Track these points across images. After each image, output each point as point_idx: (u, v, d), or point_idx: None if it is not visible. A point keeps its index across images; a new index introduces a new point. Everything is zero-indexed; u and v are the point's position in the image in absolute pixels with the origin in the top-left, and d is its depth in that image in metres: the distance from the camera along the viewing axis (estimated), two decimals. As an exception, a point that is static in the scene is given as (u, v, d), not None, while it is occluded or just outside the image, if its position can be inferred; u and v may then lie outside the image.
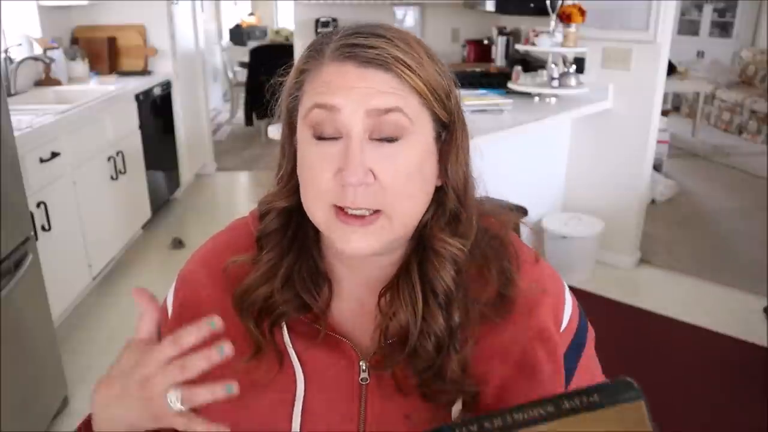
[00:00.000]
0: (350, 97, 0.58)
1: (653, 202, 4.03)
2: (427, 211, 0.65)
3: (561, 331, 0.70)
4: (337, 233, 0.61)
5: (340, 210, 0.60)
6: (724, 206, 4.26)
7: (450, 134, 0.64)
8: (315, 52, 0.63)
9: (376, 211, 0.60)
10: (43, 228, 2.36)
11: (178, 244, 3.49)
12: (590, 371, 0.75)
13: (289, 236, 0.68)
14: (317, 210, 0.62)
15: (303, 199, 0.64)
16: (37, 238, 2.15)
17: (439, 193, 0.66)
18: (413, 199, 0.62)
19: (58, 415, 2.13)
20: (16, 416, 1.83)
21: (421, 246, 0.66)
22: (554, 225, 3.09)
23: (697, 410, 2.18)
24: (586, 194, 3.31)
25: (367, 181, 0.59)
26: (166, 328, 0.72)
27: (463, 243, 0.65)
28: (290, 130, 0.67)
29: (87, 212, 2.82)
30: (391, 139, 0.60)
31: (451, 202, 0.66)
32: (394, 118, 0.59)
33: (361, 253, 0.62)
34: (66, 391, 2.19)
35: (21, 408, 1.87)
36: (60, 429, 2.09)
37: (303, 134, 0.62)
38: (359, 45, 0.59)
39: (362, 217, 0.60)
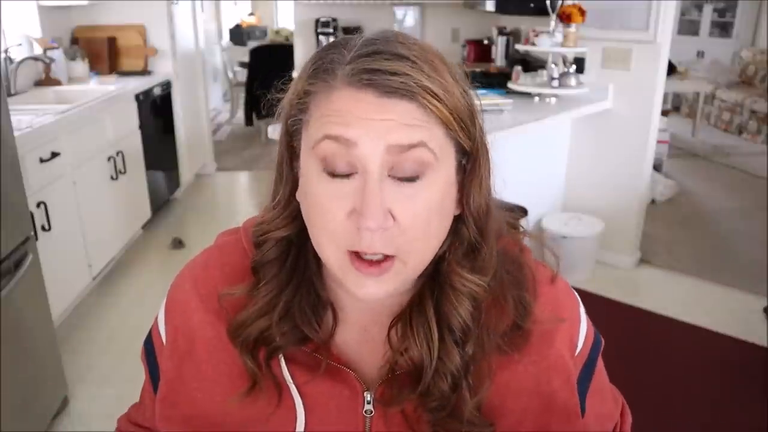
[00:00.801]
0: (368, 129, 0.51)
1: (653, 202, 4.03)
2: (444, 242, 0.60)
3: (576, 355, 0.68)
4: (352, 280, 0.56)
5: (355, 255, 0.55)
6: (724, 206, 4.25)
7: (473, 162, 0.58)
8: (323, 72, 0.55)
9: (391, 256, 0.55)
10: (43, 228, 2.36)
11: (178, 244, 3.49)
12: (601, 385, 0.74)
13: (288, 267, 0.63)
14: (329, 254, 0.56)
15: (312, 237, 0.58)
16: (37, 238, 2.15)
17: (458, 222, 0.60)
18: (430, 240, 0.57)
19: (58, 415, 2.13)
20: (16, 416, 1.83)
21: (436, 279, 0.61)
22: (554, 225, 3.09)
23: (697, 410, 2.18)
24: (586, 194, 3.31)
25: (386, 225, 0.53)
26: (163, 357, 0.70)
27: (483, 279, 0.61)
28: (290, 153, 0.61)
29: (87, 212, 2.82)
30: (412, 178, 0.53)
31: (471, 234, 0.60)
32: (417, 154, 0.52)
33: (375, 298, 0.57)
34: (66, 391, 2.19)
35: (21, 408, 1.87)
36: (60, 429, 2.09)
37: (310, 165, 0.56)
38: (380, 71, 0.52)
39: (377, 263, 0.55)
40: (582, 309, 0.71)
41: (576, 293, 0.72)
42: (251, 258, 0.65)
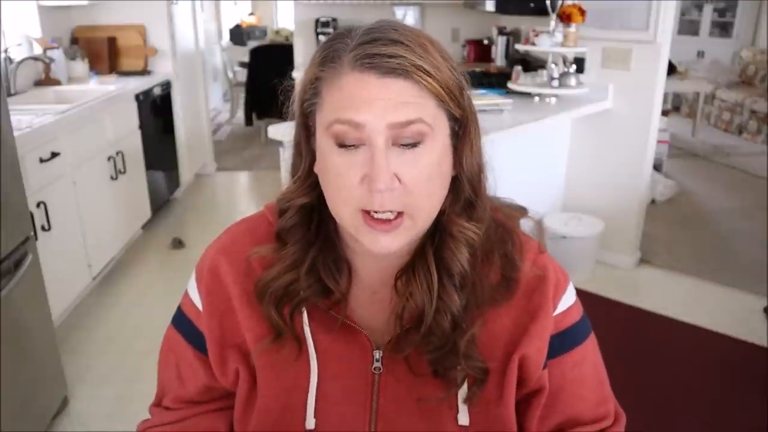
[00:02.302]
0: (372, 111, 0.60)
1: (653, 202, 4.03)
2: (446, 200, 0.68)
3: (554, 314, 0.74)
4: (366, 236, 0.64)
5: (367, 214, 0.63)
6: (724, 206, 4.25)
7: (464, 128, 0.66)
8: (331, 60, 0.63)
9: (400, 213, 0.63)
10: (43, 228, 2.36)
11: (178, 244, 3.49)
12: (580, 372, 0.76)
13: (312, 230, 0.71)
14: (345, 214, 0.65)
15: (329, 203, 0.66)
16: (37, 238, 2.15)
17: (455, 182, 0.68)
18: (433, 197, 0.65)
19: (58, 415, 2.13)
20: (16, 416, 1.83)
21: (436, 231, 0.69)
22: (554, 225, 3.09)
23: (697, 410, 2.18)
24: (586, 194, 3.30)
25: (393, 186, 0.61)
26: (202, 322, 0.76)
27: (478, 227, 0.69)
28: (306, 132, 0.69)
29: (87, 212, 2.82)
30: (412, 145, 0.62)
31: (466, 191, 0.69)
32: (415, 128, 0.61)
33: (389, 252, 0.65)
34: (66, 391, 2.19)
35: (21, 408, 1.87)
36: (59, 429, 2.09)
37: (325, 142, 0.64)
38: (379, 54, 0.60)
39: (388, 221, 0.63)
40: (571, 287, 0.77)
41: (566, 273, 0.78)
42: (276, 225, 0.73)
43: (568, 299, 0.76)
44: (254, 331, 0.72)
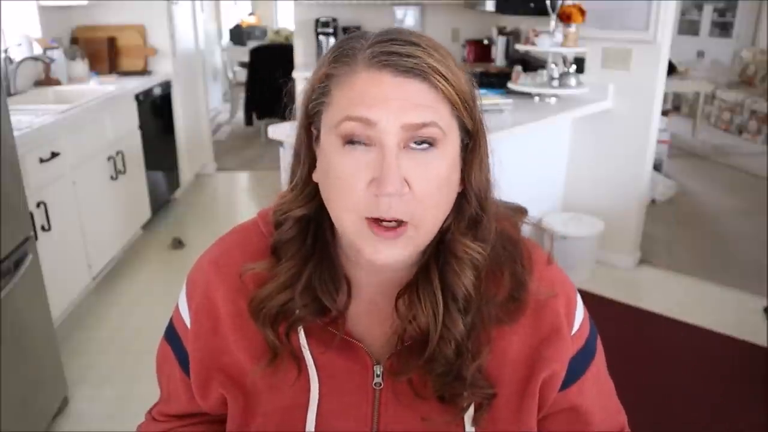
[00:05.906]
0: (386, 110, 0.57)
1: (653, 202, 4.03)
2: (449, 216, 0.65)
3: (572, 334, 0.71)
4: (368, 245, 0.60)
5: (373, 222, 0.59)
6: (724, 206, 4.26)
7: (474, 142, 0.64)
8: (344, 57, 0.60)
9: (403, 222, 0.60)
10: (42, 228, 2.36)
11: (178, 244, 3.49)
12: (599, 384, 0.76)
13: (308, 244, 0.68)
14: (348, 222, 0.61)
15: (331, 209, 0.63)
16: (36, 238, 2.15)
17: (460, 198, 0.65)
18: (439, 208, 0.62)
19: (58, 415, 2.13)
20: (16, 416, 1.83)
21: (441, 250, 0.66)
22: (554, 225, 3.09)
23: (697, 410, 2.18)
24: (586, 194, 3.31)
25: (403, 191, 0.58)
26: (189, 341, 0.73)
27: (483, 247, 0.66)
28: (308, 136, 0.65)
29: (87, 212, 2.82)
30: (424, 149, 0.59)
31: (472, 208, 0.66)
32: (429, 131, 0.58)
33: (390, 263, 0.61)
34: (66, 391, 2.19)
35: (21, 408, 1.87)
36: (60, 429, 2.09)
37: (330, 142, 0.61)
38: (396, 53, 0.58)
39: (394, 229, 0.60)
40: (579, 297, 0.74)
41: (572, 283, 0.75)
42: (271, 238, 0.70)
43: (580, 313, 0.73)
44: (248, 351, 0.69)
